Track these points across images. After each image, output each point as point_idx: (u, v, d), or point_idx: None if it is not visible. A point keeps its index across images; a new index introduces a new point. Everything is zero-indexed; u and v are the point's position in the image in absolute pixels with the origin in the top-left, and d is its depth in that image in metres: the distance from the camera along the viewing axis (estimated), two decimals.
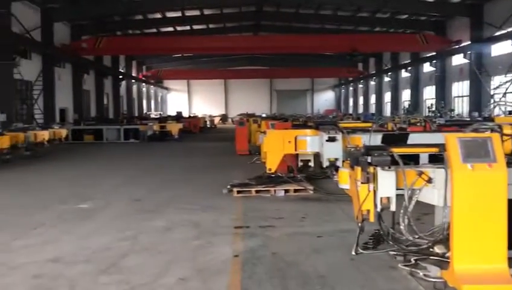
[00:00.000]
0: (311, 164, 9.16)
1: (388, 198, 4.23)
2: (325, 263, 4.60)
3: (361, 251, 4.76)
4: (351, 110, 55.97)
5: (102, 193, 8.86)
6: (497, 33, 24.79)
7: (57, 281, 4.19)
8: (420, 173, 4.27)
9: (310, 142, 8.03)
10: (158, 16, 34.91)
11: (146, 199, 8.10)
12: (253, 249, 5.03)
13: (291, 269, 4.44)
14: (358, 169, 4.21)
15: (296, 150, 8.19)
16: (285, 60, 51.83)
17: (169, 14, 34.96)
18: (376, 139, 7.54)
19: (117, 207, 7.48)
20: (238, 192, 8.14)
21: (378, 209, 4.27)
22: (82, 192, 8.91)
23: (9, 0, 22.06)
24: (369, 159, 4.26)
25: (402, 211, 4.39)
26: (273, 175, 8.57)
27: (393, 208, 4.30)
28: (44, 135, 16.91)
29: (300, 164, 9.17)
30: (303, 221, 6.35)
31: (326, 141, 7.53)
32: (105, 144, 22.81)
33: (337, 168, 7.82)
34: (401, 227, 4.43)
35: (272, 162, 8.22)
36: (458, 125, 9.51)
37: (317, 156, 8.76)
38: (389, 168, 4.19)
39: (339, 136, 7.53)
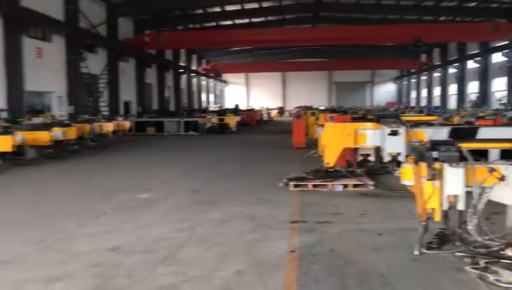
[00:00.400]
0: (372, 158, 8.91)
1: (455, 196, 3.96)
2: (385, 261, 4.40)
3: (425, 250, 4.50)
4: (413, 103, 54.07)
5: (162, 183, 9.05)
6: None
7: (116, 270, 4.28)
8: (492, 170, 3.97)
9: (371, 136, 7.77)
10: (217, 9, 35.29)
11: (203, 191, 8.17)
12: (310, 245, 4.90)
13: (349, 267, 4.28)
14: (424, 165, 3.96)
15: (355, 143, 7.95)
16: (344, 52, 50.85)
17: (229, 8, 35.23)
18: (441, 134, 7.18)
19: (175, 198, 7.60)
20: (295, 186, 8.02)
21: (445, 207, 4.00)
22: (142, 182, 9.15)
23: None
24: (435, 155, 4.01)
25: (471, 210, 4.10)
26: (331, 169, 8.38)
27: (461, 206, 4.01)
28: (109, 126, 17.58)
29: (359, 158, 8.94)
30: (362, 217, 6.13)
31: (388, 134, 7.25)
32: (166, 136, 23.39)
33: (399, 163, 7.54)
34: (470, 227, 4.14)
35: (330, 156, 8.03)
36: None
37: (377, 150, 8.48)
38: (457, 164, 3.91)
39: (402, 130, 7.22)
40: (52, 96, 22.40)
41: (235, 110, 34.61)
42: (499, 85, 34.05)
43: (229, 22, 39.17)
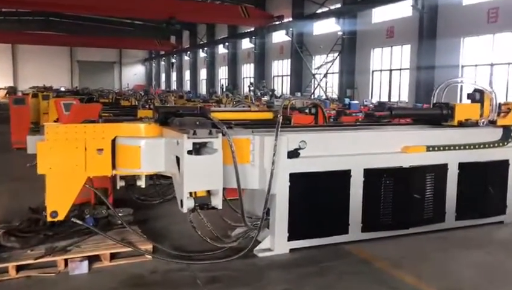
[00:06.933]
0: (142, 183, 4.75)
1: None
2: None
3: None
4: (163, 87, 52.04)
5: None
6: (319, 10, 23.77)
7: None
8: None
9: (147, 153, 3.71)
10: None
11: None
12: None
13: None
14: None
15: (114, 167, 3.80)
16: (89, 27, 45.41)
17: None
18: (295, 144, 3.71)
19: None
20: None
21: None
22: None
23: None
24: None
25: None
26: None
27: None
28: None
29: (121, 184, 4.72)
30: None
31: (189, 152, 3.32)
32: None
33: (211, 208, 3.74)
34: None
35: (58, 199, 3.60)
36: (410, 115, 5.71)
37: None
38: None
39: (218, 142, 3.39)
40: None
41: None
42: (247, 72, 34.37)
43: None
